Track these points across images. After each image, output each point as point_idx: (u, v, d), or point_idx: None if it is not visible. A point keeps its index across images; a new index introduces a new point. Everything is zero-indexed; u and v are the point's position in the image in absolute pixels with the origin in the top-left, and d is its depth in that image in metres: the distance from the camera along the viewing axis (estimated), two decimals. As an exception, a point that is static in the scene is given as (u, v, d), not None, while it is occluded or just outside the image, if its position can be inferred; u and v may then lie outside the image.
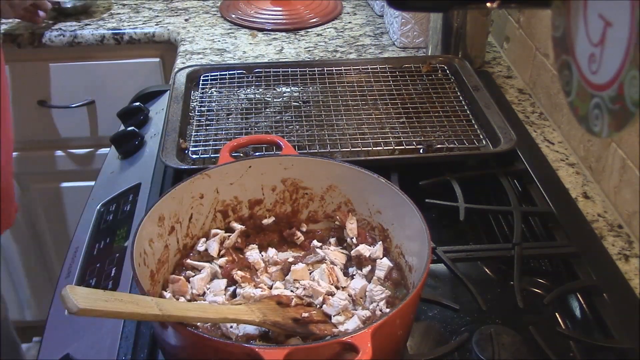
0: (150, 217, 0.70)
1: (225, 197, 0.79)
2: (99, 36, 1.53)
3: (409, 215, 0.70)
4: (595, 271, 0.80)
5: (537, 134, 1.13)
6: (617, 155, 0.91)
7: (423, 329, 0.76)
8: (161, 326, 0.60)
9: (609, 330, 0.72)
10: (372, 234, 0.79)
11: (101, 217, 0.96)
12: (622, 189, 0.90)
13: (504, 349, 0.70)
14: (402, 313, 0.59)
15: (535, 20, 1.24)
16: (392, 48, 1.44)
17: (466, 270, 0.82)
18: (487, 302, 0.76)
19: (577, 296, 0.80)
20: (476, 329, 0.73)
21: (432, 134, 1.04)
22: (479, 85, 1.16)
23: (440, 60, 1.26)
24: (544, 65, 1.19)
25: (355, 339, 0.54)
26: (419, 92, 1.17)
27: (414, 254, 0.71)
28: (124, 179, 1.04)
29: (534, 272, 0.86)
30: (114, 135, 1.13)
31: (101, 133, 1.66)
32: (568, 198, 0.96)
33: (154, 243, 0.70)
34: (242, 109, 1.12)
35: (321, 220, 0.82)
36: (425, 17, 1.38)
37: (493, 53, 1.44)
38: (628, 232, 0.89)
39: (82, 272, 0.85)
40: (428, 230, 0.66)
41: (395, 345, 0.65)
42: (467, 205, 0.90)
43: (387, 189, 0.74)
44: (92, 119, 1.66)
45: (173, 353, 0.64)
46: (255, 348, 0.53)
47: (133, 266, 0.62)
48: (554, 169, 1.03)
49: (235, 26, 1.55)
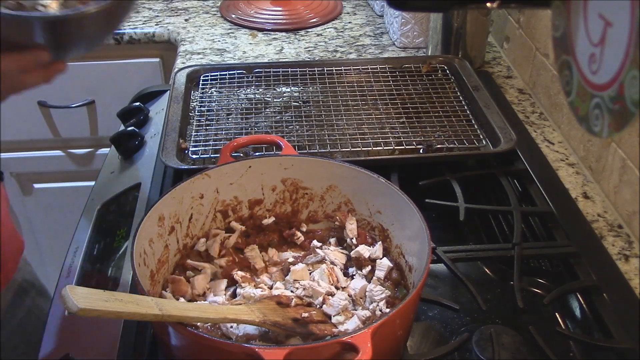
0: (150, 217, 0.70)
1: (225, 197, 0.79)
2: (99, 36, 1.53)
3: (409, 215, 0.70)
4: (595, 271, 0.80)
5: (537, 134, 1.13)
6: (617, 155, 0.91)
7: (423, 329, 0.76)
8: (161, 326, 0.60)
9: (609, 330, 0.72)
10: (372, 234, 0.79)
11: (101, 217, 0.96)
12: (622, 189, 0.90)
13: (504, 349, 0.70)
14: (402, 313, 0.59)
15: (535, 20, 1.24)
16: (392, 48, 1.44)
17: (466, 270, 0.82)
18: (487, 302, 0.76)
19: (577, 296, 0.80)
20: (476, 329, 0.73)
21: (432, 134, 1.04)
22: (479, 85, 1.16)
23: (440, 60, 1.26)
24: (544, 65, 1.19)
25: (355, 339, 0.54)
26: (419, 92, 1.17)
27: (414, 254, 0.71)
28: (124, 179, 1.04)
29: (534, 272, 0.86)
30: (114, 135, 1.13)
31: (101, 133, 1.66)
32: (568, 198, 0.96)
33: (154, 243, 0.70)
34: (242, 109, 1.12)
35: (321, 221, 0.82)
36: (425, 17, 1.38)
37: (493, 53, 1.44)
38: (628, 232, 0.89)
39: (82, 272, 0.85)
40: (428, 230, 0.66)
41: (395, 345, 0.65)
42: (467, 205, 0.90)
43: (387, 189, 0.74)
44: (92, 119, 1.66)
45: (173, 353, 0.64)
46: (255, 348, 0.53)
47: (133, 266, 0.62)
48: (554, 169, 1.03)
49: (235, 26, 1.55)
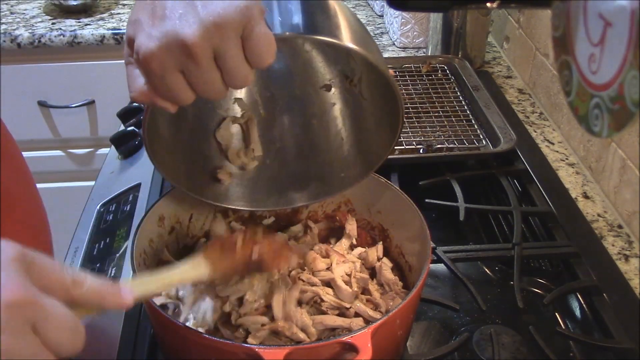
0: (150, 217, 0.70)
1: (226, 197, 0.79)
2: (99, 36, 1.53)
3: (409, 215, 0.70)
4: (595, 271, 0.80)
5: (537, 134, 1.13)
6: (617, 155, 0.91)
7: (423, 329, 0.76)
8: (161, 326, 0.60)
9: (609, 330, 0.72)
10: (372, 234, 0.79)
11: (101, 217, 0.96)
12: (622, 189, 0.90)
13: (504, 349, 0.70)
14: (402, 313, 0.59)
15: (535, 20, 1.24)
16: (392, 48, 1.44)
17: (466, 270, 0.82)
18: (487, 302, 0.76)
19: (577, 296, 0.80)
20: (476, 329, 0.73)
21: (432, 134, 1.04)
22: (479, 85, 1.16)
23: (440, 60, 1.26)
24: (544, 65, 1.19)
25: (355, 339, 0.54)
26: (419, 92, 1.17)
27: (414, 254, 0.71)
28: (124, 179, 1.04)
29: (534, 272, 0.86)
30: (114, 135, 1.13)
31: (101, 133, 1.66)
32: (568, 198, 0.96)
33: (154, 243, 0.70)
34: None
35: (321, 220, 0.82)
36: (425, 17, 1.38)
37: (493, 53, 1.44)
38: (628, 232, 0.89)
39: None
40: (428, 230, 0.66)
41: (395, 345, 0.65)
42: (467, 205, 0.90)
43: (387, 189, 0.74)
44: (92, 119, 1.66)
45: (173, 353, 0.64)
46: (255, 348, 0.53)
47: (133, 266, 0.62)
48: (554, 169, 1.03)
49: (235, 26, 1.55)
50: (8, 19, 1.60)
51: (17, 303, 0.36)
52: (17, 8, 1.67)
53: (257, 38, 0.47)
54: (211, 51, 0.47)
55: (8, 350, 0.36)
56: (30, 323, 0.37)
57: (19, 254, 0.38)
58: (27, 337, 0.37)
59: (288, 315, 0.65)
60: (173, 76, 0.48)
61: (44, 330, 0.37)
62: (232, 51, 0.47)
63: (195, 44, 0.46)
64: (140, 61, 0.48)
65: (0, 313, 0.35)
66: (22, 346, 0.36)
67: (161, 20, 0.47)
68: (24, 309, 0.36)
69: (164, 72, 0.47)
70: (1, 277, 0.36)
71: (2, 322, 0.35)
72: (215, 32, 0.46)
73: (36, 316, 0.37)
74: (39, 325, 0.37)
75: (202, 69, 0.47)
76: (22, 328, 0.36)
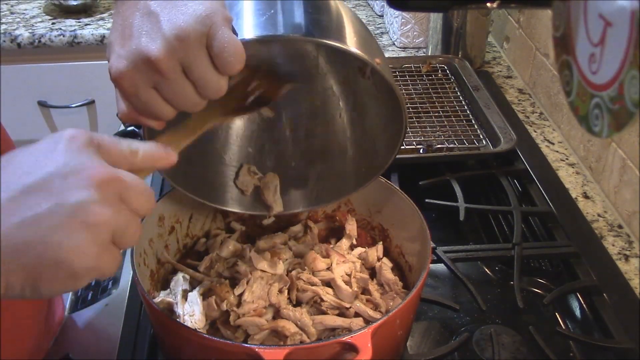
0: (150, 217, 0.70)
1: (226, 197, 0.79)
2: (99, 36, 1.53)
3: (409, 215, 0.70)
4: (595, 271, 0.80)
5: (537, 134, 1.13)
6: (617, 155, 0.91)
7: (423, 329, 0.76)
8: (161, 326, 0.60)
9: (609, 330, 0.72)
10: (372, 234, 0.79)
11: (101, 217, 0.96)
12: (622, 189, 0.90)
13: (504, 349, 0.70)
14: (402, 313, 0.59)
15: (535, 20, 1.24)
16: (392, 48, 1.44)
17: (466, 270, 0.82)
18: (487, 302, 0.76)
19: (577, 296, 0.80)
20: (476, 329, 0.73)
21: (432, 134, 1.04)
22: (479, 85, 1.16)
23: (440, 60, 1.26)
24: (544, 65, 1.19)
25: (355, 339, 0.54)
26: (419, 92, 1.17)
27: (414, 254, 0.71)
28: (124, 179, 1.04)
29: (534, 272, 0.86)
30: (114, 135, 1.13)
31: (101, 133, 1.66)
32: (568, 198, 0.96)
33: (154, 243, 0.70)
34: (242, 109, 1.12)
35: (321, 220, 0.82)
36: (425, 17, 1.38)
37: (493, 53, 1.44)
38: (628, 232, 0.89)
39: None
40: (428, 230, 0.66)
41: (395, 345, 0.65)
42: (467, 205, 0.90)
43: (387, 189, 0.74)
44: (92, 119, 1.66)
45: (173, 353, 0.64)
46: (255, 348, 0.53)
47: (133, 266, 0.62)
48: (554, 169, 1.03)
49: (235, 26, 1.55)
50: (8, 19, 1.60)
51: (106, 181, 0.41)
52: (17, 8, 1.67)
53: (220, 45, 0.48)
54: (178, 64, 0.48)
55: (108, 222, 0.40)
56: (118, 195, 0.42)
57: (88, 138, 0.43)
58: (120, 207, 0.42)
59: (284, 304, 0.66)
60: (147, 93, 0.49)
61: (129, 199, 0.42)
62: (197, 61, 0.48)
63: (160, 59, 0.47)
64: (113, 82, 0.50)
65: (94, 191, 0.40)
66: (119, 215, 0.41)
67: (128, 40, 0.48)
68: (111, 184, 0.41)
69: (136, 90, 0.49)
70: (85, 161, 0.41)
71: (100, 198, 0.40)
72: (179, 45, 0.47)
73: (121, 188, 0.42)
74: (124, 196, 0.42)
75: (171, 82, 0.49)
76: (114, 201, 0.41)
